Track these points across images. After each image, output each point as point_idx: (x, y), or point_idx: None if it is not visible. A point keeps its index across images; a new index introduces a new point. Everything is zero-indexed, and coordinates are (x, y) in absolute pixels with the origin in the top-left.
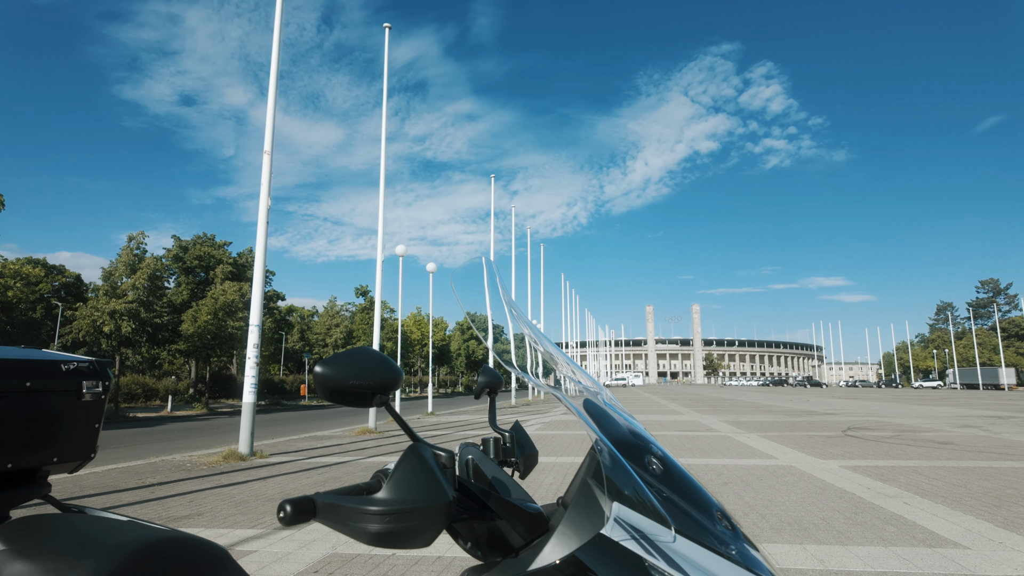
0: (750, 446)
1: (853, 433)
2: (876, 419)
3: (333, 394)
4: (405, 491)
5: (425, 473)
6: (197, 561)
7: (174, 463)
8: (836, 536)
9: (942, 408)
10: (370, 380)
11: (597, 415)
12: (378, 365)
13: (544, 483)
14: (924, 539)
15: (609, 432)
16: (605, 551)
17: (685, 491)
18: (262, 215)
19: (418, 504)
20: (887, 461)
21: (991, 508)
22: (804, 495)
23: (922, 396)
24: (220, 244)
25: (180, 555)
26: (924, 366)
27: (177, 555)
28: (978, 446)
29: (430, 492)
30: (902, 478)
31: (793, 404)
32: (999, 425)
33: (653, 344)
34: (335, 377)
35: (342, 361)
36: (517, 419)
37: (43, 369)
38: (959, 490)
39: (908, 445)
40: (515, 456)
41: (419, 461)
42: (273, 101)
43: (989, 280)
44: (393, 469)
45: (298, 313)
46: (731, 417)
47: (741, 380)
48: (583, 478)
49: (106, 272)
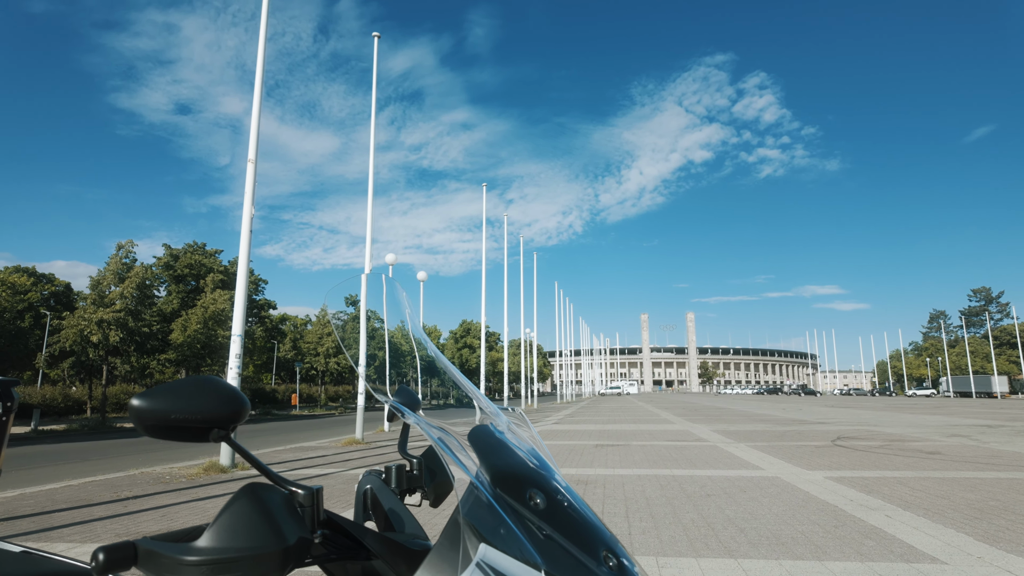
0: (737, 456)
1: (842, 443)
2: (867, 428)
3: (155, 430)
4: (231, 537)
5: (259, 515)
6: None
7: (153, 475)
8: (813, 551)
9: (934, 417)
10: (201, 413)
11: (484, 445)
12: (214, 395)
13: None
14: (902, 554)
15: (491, 464)
16: None
17: (570, 528)
18: (245, 224)
19: (245, 552)
20: (873, 472)
21: (972, 521)
22: (786, 508)
23: (915, 404)
24: (211, 252)
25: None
26: (918, 374)
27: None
28: (965, 456)
29: (262, 537)
30: (886, 489)
31: (786, 413)
32: (988, 434)
33: (648, 352)
34: (155, 411)
35: (167, 392)
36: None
37: None
38: (942, 502)
39: (896, 455)
40: (424, 484)
41: (253, 502)
42: (258, 110)
43: (981, 288)
44: (220, 511)
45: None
46: (722, 427)
47: (736, 388)
48: (453, 517)
49: (94, 281)
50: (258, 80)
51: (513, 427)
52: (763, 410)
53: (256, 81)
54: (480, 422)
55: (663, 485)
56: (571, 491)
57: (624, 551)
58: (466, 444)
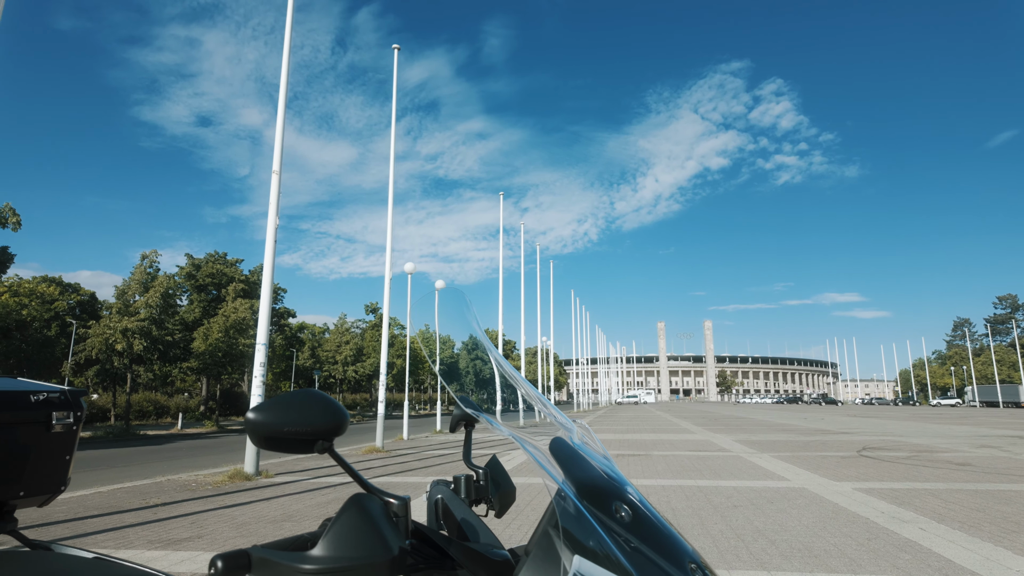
0: (762, 467)
1: (868, 453)
2: (892, 439)
3: (268, 442)
4: (343, 547)
5: (367, 526)
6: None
7: (179, 483)
8: (848, 564)
9: (960, 427)
10: (310, 425)
11: (565, 457)
12: (320, 409)
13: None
14: (940, 567)
15: (575, 476)
16: None
17: (656, 541)
18: (270, 234)
19: (357, 561)
20: (903, 483)
21: (1010, 534)
22: (816, 519)
23: (940, 414)
24: (232, 262)
25: None
26: (942, 383)
27: None
28: (998, 468)
29: (371, 547)
30: (918, 502)
31: (807, 423)
32: (1020, 445)
33: (665, 361)
34: (270, 424)
35: (278, 406)
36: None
37: (10, 401)
38: (977, 515)
39: (925, 466)
40: (490, 494)
41: (361, 513)
42: (282, 122)
43: (1007, 296)
44: (331, 522)
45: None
46: (743, 436)
47: (755, 397)
48: (544, 527)
49: (119, 290)
50: (282, 92)
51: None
52: (784, 420)
53: (280, 93)
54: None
55: (688, 496)
56: (648, 504)
57: (707, 564)
58: (548, 454)
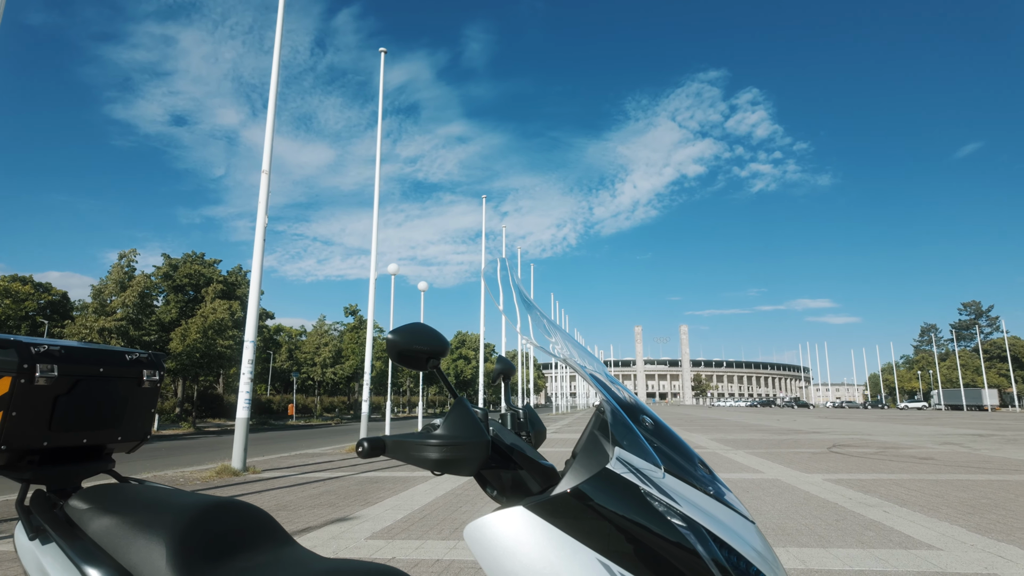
0: (737, 461)
1: (837, 450)
2: (861, 437)
3: (401, 356)
4: (456, 430)
5: (469, 419)
6: (249, 521)
7: (166, 479)
8: (818, 540)
9: (925, 427)
10: (428, 347)
11: (603, 382)
12: (434, 336)
13: None
14: (900, 542)
15: (612, 394)
16: (609, 482)
17: (672, 444)
18: (259, 232)
19: (466, 439)
20: (869, 475)
21: (965, 515)
22: (788, 505)
23: (907, 416)
24: (210, 262)
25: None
26: (909, 387)
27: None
28: (958, 461)
29: (474, 432)
30: (883, 489)
31: (780, 424)
32: (979, 443)
33: (642, 365)
34: (402, 343)
35: (407, 331)
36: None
37: (113, 358)
38: (936, 500)
39: (891, 460)
40: (527, 431)
41: (464, 410)
42: (272, 120)
43: (971, 302)
44: (446, 415)
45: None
46: (719, 435)
47: (729, 401)
48: (591, 431)
49: (96, 290)
50: (272, 94)
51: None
52: (758, 421)
53: (271, 93)
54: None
55: None
56: (663, 422)
57: (711, 466)
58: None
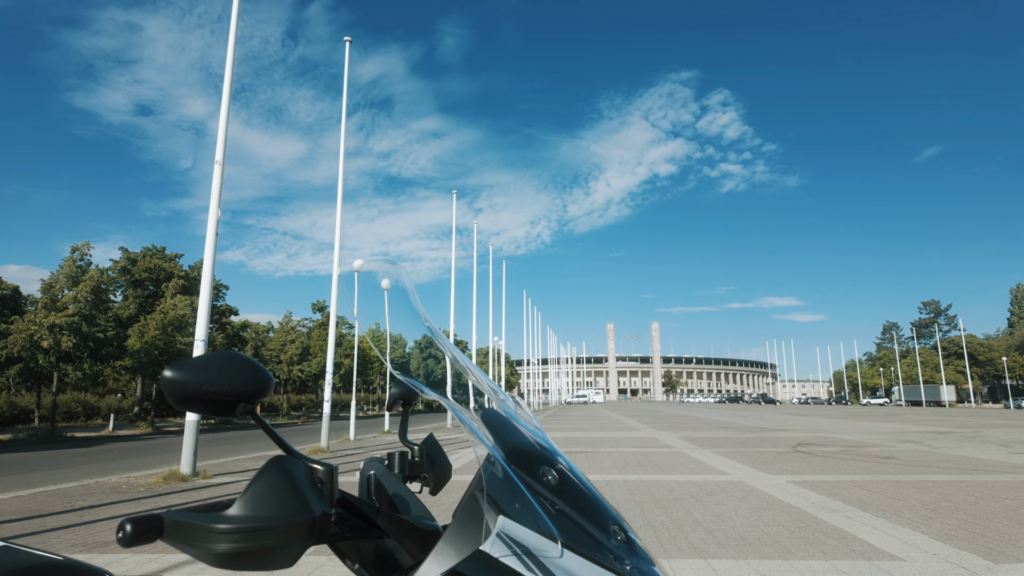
0: (703, 462)
1: (803, 449)
2: (825, 435)
3: (186, 402)
4: (261, 507)
5: (287, 487)
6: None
7: (109, 485)
8: (779, 551)
9: (887, 424)
10: (231, 386)
11: (496, 425)
12: (243, 369)
13: None
14: (863, 552)
15: (504, 442)
16: (484, 567)
17: (581, 504)
18: (211, 227)
19: (276, 521)
20: (833, 476)
21: (927, 520)
22: (751, 510)
23: (869, 413)
24: (171, 256)
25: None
26: (872, 383)
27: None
28: (918, 460)
29: (291, 507)
30: (846, 492)
31: (747, 421)
32: (938, 440)
33: (614, 361)
34: (188, 382)
35: (198, 364)
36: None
37: None
38: (898, 503)
39: (854, 460)
40: (424, 471)
41: (281, 474)
42: (226, 111)
43: (931, 301)
44: (250, 482)
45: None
46: (687, 433)
47: (698, 397)
48: (471, 491)
49: (46, 284)
50: (227, 81)
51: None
52: (726, 418)
53: (225, 83)
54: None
55: (632, 490)
56: (576, 470)
57: (630, 527)
58: (479, 422)
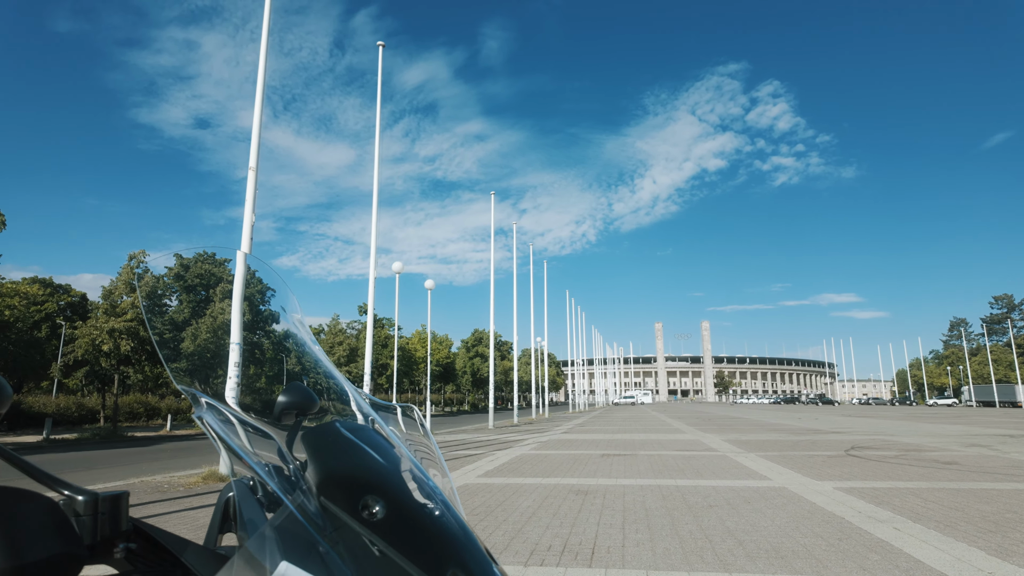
0: (746, 466)
1: (856, 453)
2: (883, 438)
3: None
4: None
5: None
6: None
7: (152, 484)
8: (813, 565)
9: (953, 426)
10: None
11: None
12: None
13: (521, 506)
14: (908, 568)
15: (320, 465)
16: None
17: (411, 543)
18: (246, 231)
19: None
20: (885, 482)
21: (986, 534)
22: (790, 519)
23: (936, 414)
24: (221, 261)
25: None
26: (939, 383)
27: None
28: (984, 467)
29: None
30: (897, 501)
31: (801, 422)
32: (1009, 444)
33: (663, 361)
34: None
35: None
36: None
37: None
38: (955, 514)
39: (911, 465)
40: None
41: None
42: (259, 118)
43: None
44: None
45: None
46: (734, 436)
47: (752, 398)
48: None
49: (106, 291)
50: (259, 90)
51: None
52: (778, 420)
53: (257, 91)
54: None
55: (665, 495)
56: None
57: (485, 569)
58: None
